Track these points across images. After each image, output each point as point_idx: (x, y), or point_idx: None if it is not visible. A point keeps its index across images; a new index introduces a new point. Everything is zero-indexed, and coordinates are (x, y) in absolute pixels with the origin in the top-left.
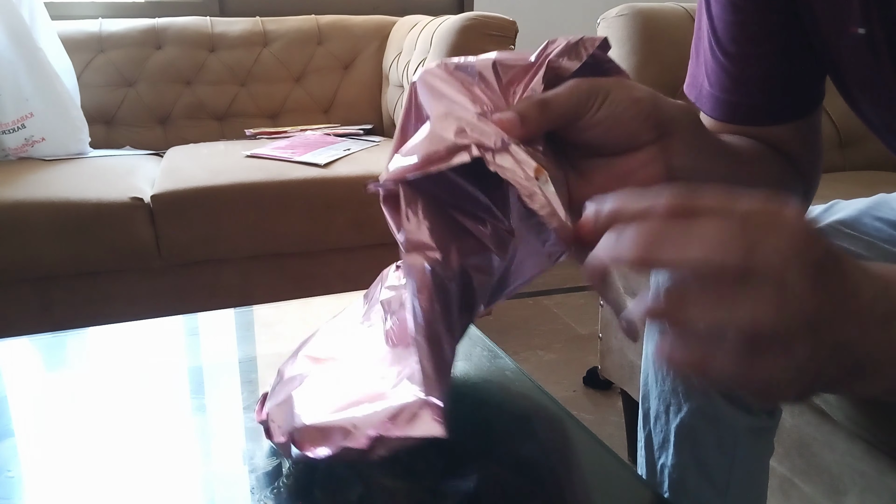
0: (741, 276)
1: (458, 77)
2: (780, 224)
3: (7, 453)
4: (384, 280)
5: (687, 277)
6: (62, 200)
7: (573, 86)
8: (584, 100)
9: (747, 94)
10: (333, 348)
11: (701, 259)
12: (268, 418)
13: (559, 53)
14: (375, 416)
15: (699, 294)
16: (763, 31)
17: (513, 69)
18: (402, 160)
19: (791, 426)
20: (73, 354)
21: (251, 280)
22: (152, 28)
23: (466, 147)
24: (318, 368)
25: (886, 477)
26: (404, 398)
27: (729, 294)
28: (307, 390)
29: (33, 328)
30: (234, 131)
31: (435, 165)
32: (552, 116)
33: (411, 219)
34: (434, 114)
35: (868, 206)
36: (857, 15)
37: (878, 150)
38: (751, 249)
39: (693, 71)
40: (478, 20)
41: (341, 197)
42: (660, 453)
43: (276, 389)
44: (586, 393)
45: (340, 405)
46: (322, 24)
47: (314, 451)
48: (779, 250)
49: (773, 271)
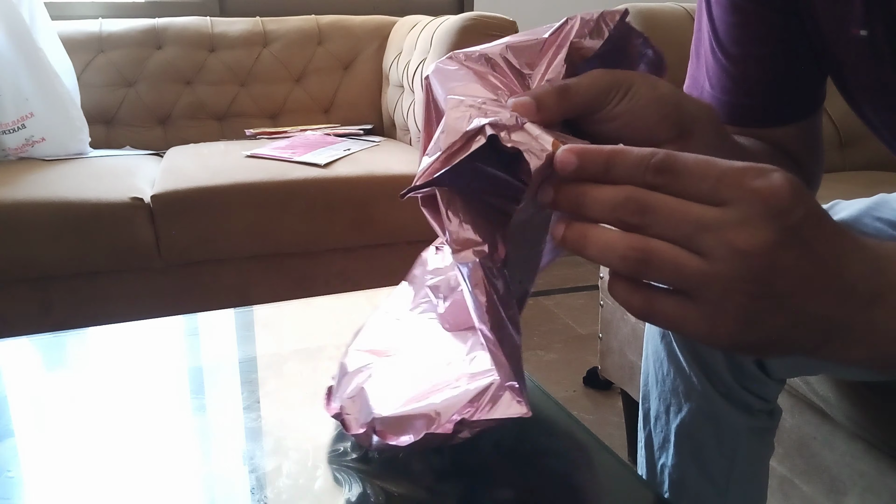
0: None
1: (471, 67)
2: (754, 198)
3: (7, 453)
4: (426, 264)
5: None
6: (62, 200)
7: (596, 76)
8: (606, 91)
9: (749, 95)
10: (391, 338)
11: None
12: (342, 411)
13: (580, 31)
14: (456, 400)
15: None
16: (765, 33)
17: (527, 51)
18: (427, 161)
19: (791, 426)
20: (73, 354)
21: (251, 280)
22: (152, 28)
23: (481, 130)
24: (382, 360)
25: (886, 477)
26: (481, 382)
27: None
28: (378, 382)
29: (33, 328)
30: (234, 131)
31: (456, 157)
32: (571, 104)
33: (452, 219)
34: (448, 106)
35: (868, 206)
36: (858, 17)
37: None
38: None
39: (693, 72)
40: (478, 20)
41: (341, 197)
42: (660, 453)
43: (342, 383)
44: (586, 393)
45: (416, 394)
46: (322, 24)
47: (397, 440)
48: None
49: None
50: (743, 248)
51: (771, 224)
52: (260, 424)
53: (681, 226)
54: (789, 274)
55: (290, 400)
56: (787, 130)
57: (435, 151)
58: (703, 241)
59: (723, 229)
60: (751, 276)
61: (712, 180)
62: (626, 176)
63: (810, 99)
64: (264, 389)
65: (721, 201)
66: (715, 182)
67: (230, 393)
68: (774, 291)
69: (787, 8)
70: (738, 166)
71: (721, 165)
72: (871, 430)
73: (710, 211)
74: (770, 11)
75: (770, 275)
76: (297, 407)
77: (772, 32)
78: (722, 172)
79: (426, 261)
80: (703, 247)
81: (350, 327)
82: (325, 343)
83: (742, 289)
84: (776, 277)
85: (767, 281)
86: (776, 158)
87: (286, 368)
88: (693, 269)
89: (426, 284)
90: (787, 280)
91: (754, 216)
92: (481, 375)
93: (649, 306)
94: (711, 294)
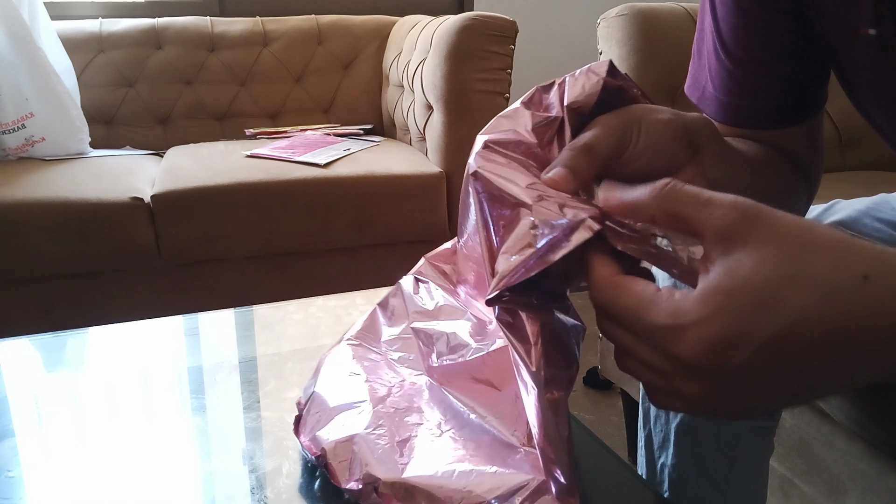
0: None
1: (512, 157)
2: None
3: (7, 453)
4: (406, 299)
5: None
6: (62, 200)
7: (604, 122)
8: (622, 132)
9: (752, 97)
10: (375, 376)
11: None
12: (325, 456)
13: (572, 92)
14: (488, 486)
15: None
16: (770, 36)
17: (509, 144)
18: (517, 259)
19: (791, 426)
20: (73, 354)
21: (251, 280)
22: (152, 28)
23: (581, 222)
24: (371, 403)
25: (886, 477)
26: (517, 476)
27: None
28: (371, 433)
29: (33, 328)
30: (234, 131)
31: (556, 252)
32: (600, 160)
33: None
34: (529, 198)
35: (868, 206)
36: (868, 16)
37: (878, 150)
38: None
39: (695, 72)
40: (478, 20)
41: (341, 197)
42: (660, 453)
43: (320, 416)
44: (586, 393)
45: (429, 462)
46: (322, 24)
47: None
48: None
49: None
50: (693, 399)
51: (697, 380)
52: (260, 424)
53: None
54: (744, 397)
55: (290, 400)
56: (789, 132)
57: (520, 248)
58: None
59: (666, 378)
60: (702, 408)
61: (646, 336)
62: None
63: (813, 101)
64: (264, 389)
65: (660, 353)
66: (647, 336)
67: (230, 393)
68: (736, 404)
69: (793, 9)
70: (658, 324)
71: (644, 322)
72: (871, 430)
73: (659, 361)
74: (776, 14)
75: (722, 401)
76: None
77: (777, 35)
78: (645, 331)
79: (408, 295)
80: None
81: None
82: (325, 343)
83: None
84: (731, 401)
85: (723, 402)
86: (776, 162)
87: (286, 368)
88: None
89: (411, 325)
90: (744, 400)
91: (680, 375)
92: (509, 455)
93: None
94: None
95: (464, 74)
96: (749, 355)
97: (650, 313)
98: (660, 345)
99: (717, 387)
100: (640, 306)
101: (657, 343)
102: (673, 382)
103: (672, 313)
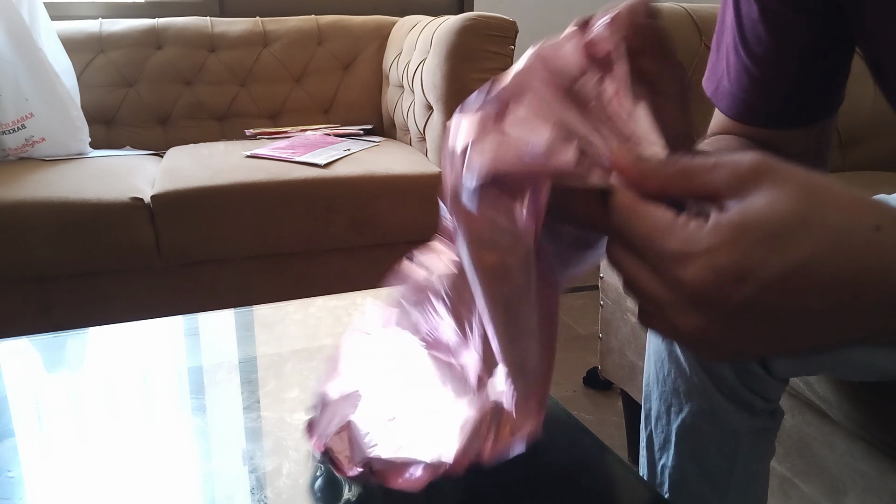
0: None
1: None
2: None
3: (7, 453)
4: (408, 279)
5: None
6: (62, 200)
7: (730, 165)
8: (744, 180)
9: (767, 97)
10: (372, 362)
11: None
12: (331, 451)
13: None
14: (462, 440)
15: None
16: (793, 34)
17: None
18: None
19: (791, 426)
20: (73, 354)
21: (251, 280)
22: (152, 28)
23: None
24: (367, 387)
25: (886, 477)
26: (480, 412)
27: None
28: (366, 415)
29: (33, 328)
30: (234, 131)
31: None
32: (688, 193)
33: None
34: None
35: None
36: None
37: (879, 150)
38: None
39: (713, 65)
40: (478, 20)
41: (341, 197)
42: (661, 454)
43: (325, 415)
44: (586, 393)
45: (416, 432)
46: (322, 24)
47: (401, 483)
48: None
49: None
50: (684, 331)
51: (695, 312)
52: (260, 424)
53: (646, 300)
54: (735, 337)
55: (290, 400)
56: (798, 132)
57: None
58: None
59: (666, 308)
60: (690, 341)
61: (654, 260)
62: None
63: (829, 102)
64: (264, 389)
65: (664, 281)
66: (656, 262)
67: (230, 393)
68: (735, 340)
69: (825, 9)
70: (669, 249)
71: (655, 248)
72: (871, 430)
73: (660, 290)
74: (805, 16)
75: (714, 339)
76: (297, 407)
77: (801, 35)
78: (655, 257)
79: (410, 277)
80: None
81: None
82: (325, 343)
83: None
84: (721, 340)
85: (713, 340)
86: None
87: (286, 368)
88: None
89: (409, 303)
90: (741, 336)
91: (680, 305)
92: (485, 406)
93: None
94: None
95: (464, 75)
96: (753, 291)
97: (663, 239)
98: (666, 270)
99: (712, 321)
100: (654, 233)
101: (664, 268)
102: (670, 312)
103: (684, 240)
